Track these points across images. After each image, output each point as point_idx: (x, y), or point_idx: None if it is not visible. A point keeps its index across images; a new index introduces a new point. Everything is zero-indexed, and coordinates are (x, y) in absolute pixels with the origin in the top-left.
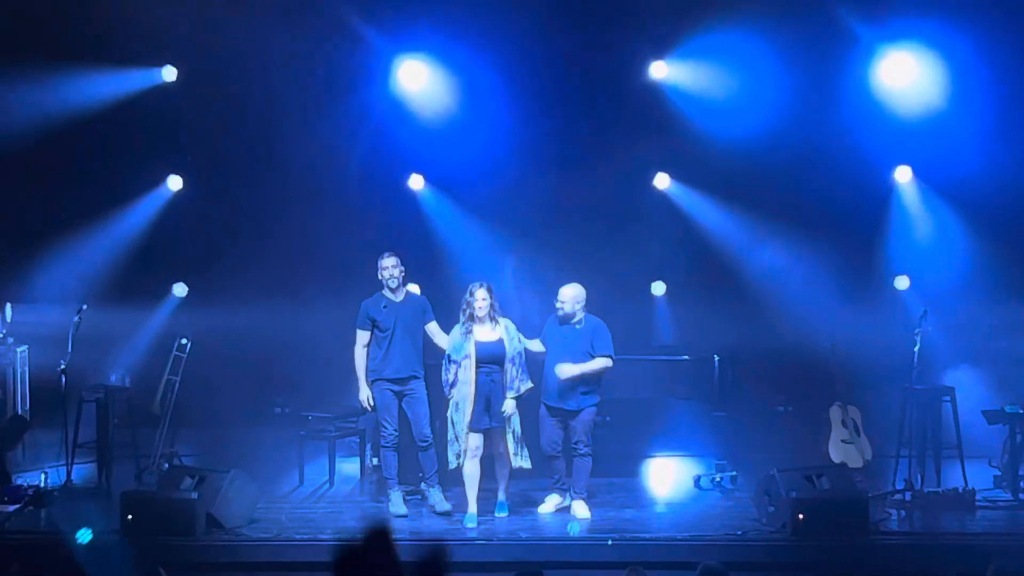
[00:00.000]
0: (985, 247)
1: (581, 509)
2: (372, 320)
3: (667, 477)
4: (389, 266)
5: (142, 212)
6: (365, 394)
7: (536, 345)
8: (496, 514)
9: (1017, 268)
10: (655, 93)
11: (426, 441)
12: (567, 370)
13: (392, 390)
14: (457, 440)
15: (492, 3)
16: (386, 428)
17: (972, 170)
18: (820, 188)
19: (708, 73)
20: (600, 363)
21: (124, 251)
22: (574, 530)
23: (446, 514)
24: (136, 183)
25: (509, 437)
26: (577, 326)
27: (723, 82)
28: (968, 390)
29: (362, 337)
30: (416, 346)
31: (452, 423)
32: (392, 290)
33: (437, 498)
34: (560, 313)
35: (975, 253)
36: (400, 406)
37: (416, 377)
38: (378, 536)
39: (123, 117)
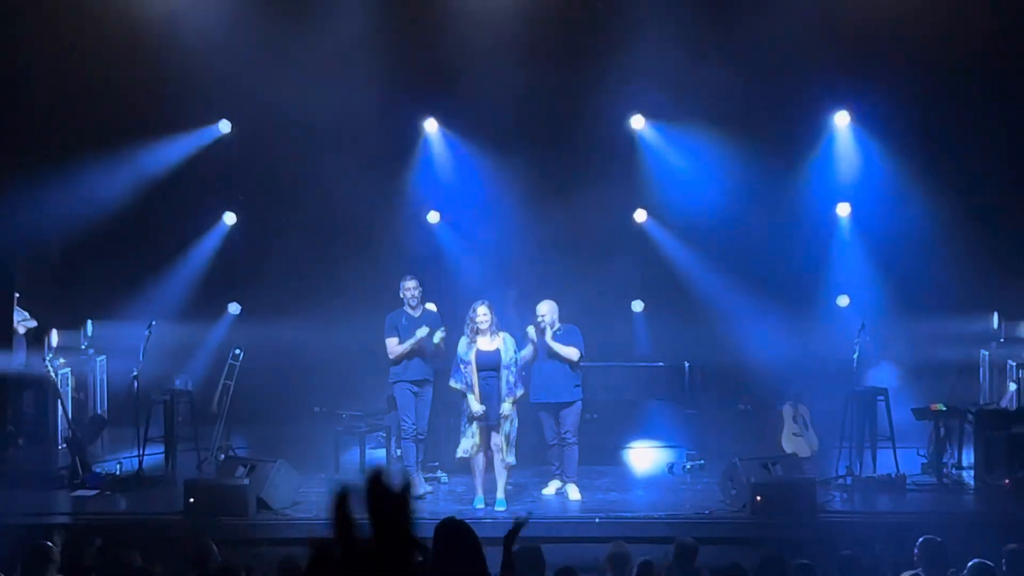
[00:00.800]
0: (909, 272)
1: (573, 492)
2: (396, 328)
3: (645, 465)
4: (411, 287)
5: (202, 243)
6: (424, 332)
7: (526, 353)
8: (496, 508)
9: (932, 289)
10: (633, 142)
11: (423, 435)
12: (548, 337)
13: (411, 391)
14: (471, 436)
15: (497, 81)
16: (406, 422)
17: (899, 213)
18: (774, 223)
19: (677, 133)
20: (572, 350)
21: (187, 275)
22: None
23: (420, 497)
24: (197, 219)
25: (502, 437)
26: (558, 332)
27: (689, 144)
28: (898, 390)
29: (392, 341)
30: (430, 355)
31: (467, 420)
32: (412, 307)
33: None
34: (541, 325)
35: (902, 276)
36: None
37: (428, 381)
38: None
39: (188, 167)
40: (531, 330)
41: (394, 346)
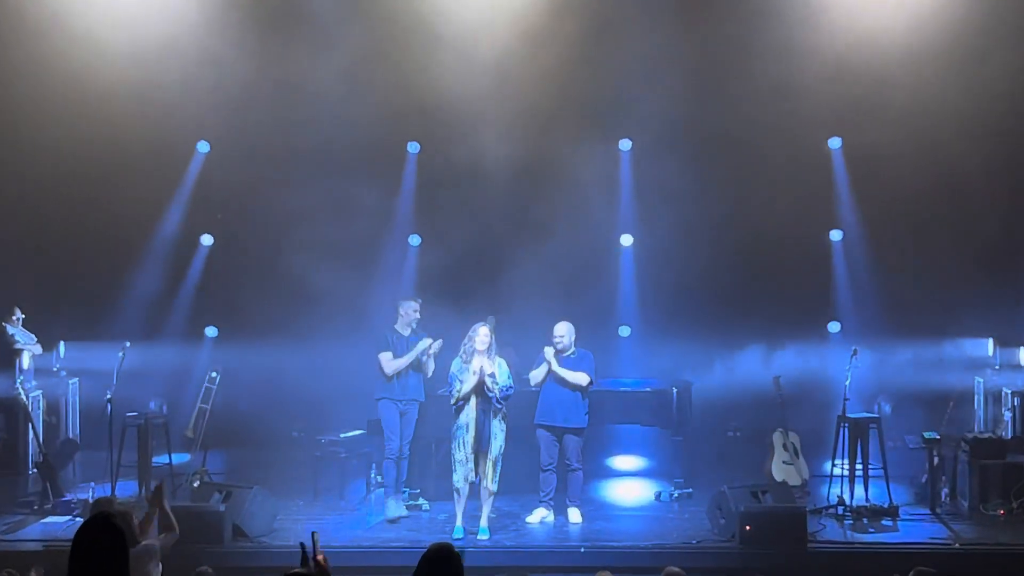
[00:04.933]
0: (901, 299)
1: (574, 515)
2: (389, 343)
3: (632, 493)
4: (415, 309)
5: (178, 264)
6: (427, 343)
7: (538, 373)
8: (478, 537)
9: (927, 315)
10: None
11: (405, 456)
12: (555, 366)
13: (398, 409)
14: (467, 461)
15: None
16: (392, 441)
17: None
18: (768, 248)
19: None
20: (581, 376)
21: (162, 298)
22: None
23: (394, 521)
24: (173, 239)
25: (490, 464)
26: (572, 356)
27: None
28: (890, 418)
29: (387, 356)
30: (417, 376)
31: (463, 445)
32: (409, 328)
33: (392, 504)
34: (559, 346)
35: (895, 302)
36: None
37: (415, 401)
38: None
39: (165, 187)
40: (549, 351)
41: (389, 360)
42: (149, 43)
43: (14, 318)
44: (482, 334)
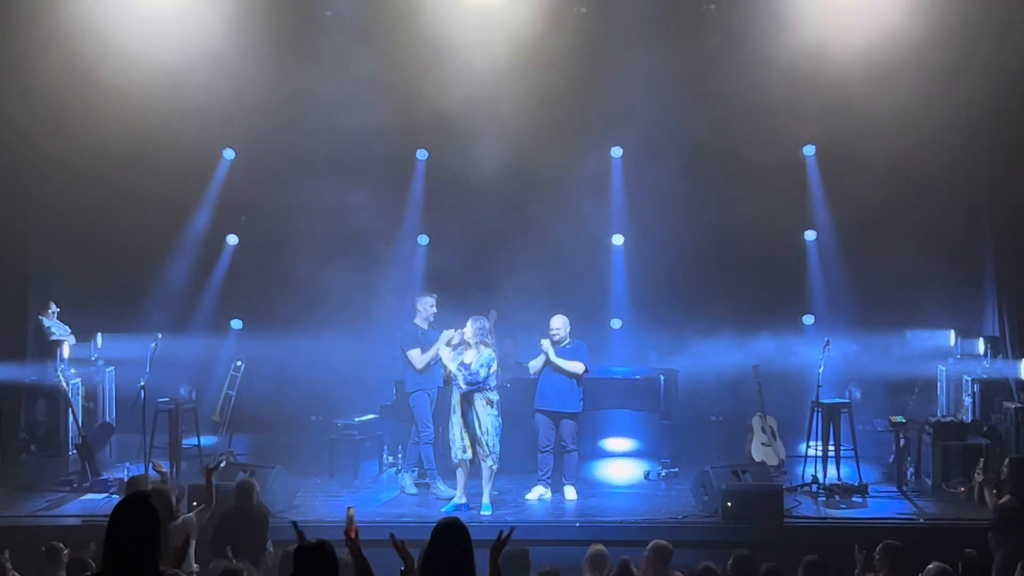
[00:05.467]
0: (870, 294)
1: (570, 492)
2: (417, 339)
3: (623, 472)
4: (432, 304)
5: (205, 262)
6: (449, 334)
7: (537, 363)
8: (481, 512)
9: (895, 309)
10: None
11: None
12: (553, 355)
13: (430, 397)
14: (457, 440)
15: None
16: (427, 428)
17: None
18: (748, 247)
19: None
20: (577, 365)
21: (191, 293)
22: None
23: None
24: (201, 239)
25: (478, 442)
26: (567, 347)
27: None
28: (860, 403)
29: (416, 352)
30: (438, 366)
31: (452, 426)
32: (423, 321)
33: (406, 482)
34: (555, 337)
35: (863, 297)
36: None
37: (437, 387)
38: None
39: (195, 187)
40: (545, 343)
41: (418, 356)
42: (178, 60)
43: (50, 312)
44: (467, 328)
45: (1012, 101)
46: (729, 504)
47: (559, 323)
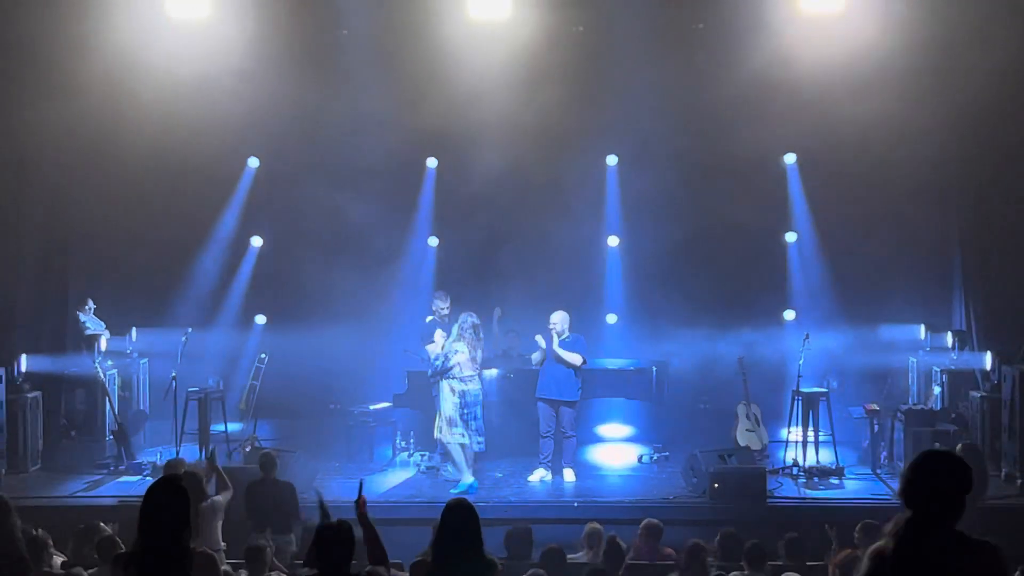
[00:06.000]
0: (846, 291)
1: (569, 475)
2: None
3: (618, 456)
4: (447, 303)
5: (232, 262)
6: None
7: (537, 356)
8: (451, 492)
9: (870, 305)
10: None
11: None
12: (555, 345)
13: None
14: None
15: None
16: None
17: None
18: (734, 248)
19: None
20: (576, 356)
21: (218, 290)
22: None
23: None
24: (227, 241)
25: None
26: (566, 340)
27: (660, 180)
28: (837, 392)
29: (431, 345)
30: None
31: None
32: (440, 318)
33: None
34: (555, 331)
35: (840, 294)
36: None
37: None
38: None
39: (222, 193)
40: (540, 339)
41: (432, 349)
42: (205, 74)
43: (87, 308)
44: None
45: (979, 111)
46: (716, 485)
47: (559, 318)
